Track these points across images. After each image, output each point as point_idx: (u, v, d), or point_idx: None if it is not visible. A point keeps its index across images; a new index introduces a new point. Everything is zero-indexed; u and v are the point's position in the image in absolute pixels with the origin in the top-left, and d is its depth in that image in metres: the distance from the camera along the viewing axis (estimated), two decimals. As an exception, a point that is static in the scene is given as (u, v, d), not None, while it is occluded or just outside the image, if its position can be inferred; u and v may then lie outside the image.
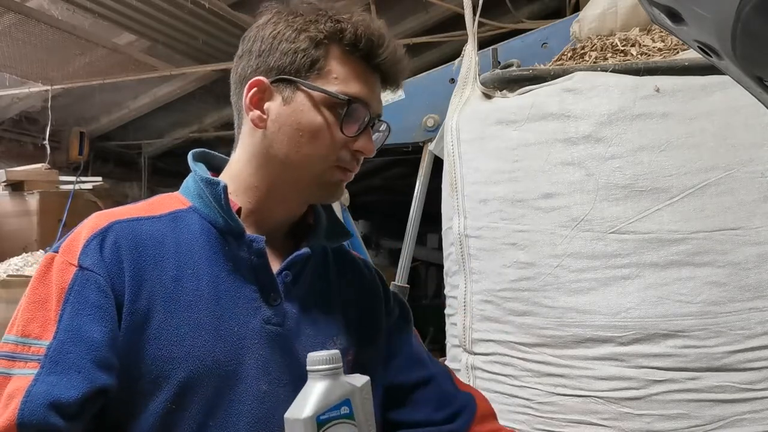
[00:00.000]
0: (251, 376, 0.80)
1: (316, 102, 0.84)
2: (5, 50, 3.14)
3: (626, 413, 1.16)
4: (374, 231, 7.77)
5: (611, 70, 1.29)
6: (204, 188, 0.85)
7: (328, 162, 0.85)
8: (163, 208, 0.86)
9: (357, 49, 0.84)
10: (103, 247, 0.77)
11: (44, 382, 0.69)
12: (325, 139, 0.84)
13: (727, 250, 1.15)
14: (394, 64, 0.88)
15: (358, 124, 0.85)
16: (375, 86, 0.88)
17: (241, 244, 0.84)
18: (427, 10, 3.71)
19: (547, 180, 1.26)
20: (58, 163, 4.22)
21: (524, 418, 1.27)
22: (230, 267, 0.83)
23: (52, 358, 0.70)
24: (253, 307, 0.83)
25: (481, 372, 1.35)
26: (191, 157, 0.91)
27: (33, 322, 0.73)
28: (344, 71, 0.85)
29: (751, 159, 1.17)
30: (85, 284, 0.74)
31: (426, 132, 2.12)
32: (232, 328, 0.80)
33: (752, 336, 1.13)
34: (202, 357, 0.77)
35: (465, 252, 1.37)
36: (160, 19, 3.08)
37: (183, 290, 0.79)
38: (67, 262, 0.76)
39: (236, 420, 0.78)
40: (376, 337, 0.96)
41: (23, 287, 0.77)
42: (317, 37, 0.84)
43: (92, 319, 0.73)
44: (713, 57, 0.43)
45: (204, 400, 0.77)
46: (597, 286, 1.20)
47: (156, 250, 0.80)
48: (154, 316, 0.77)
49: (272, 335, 0.83)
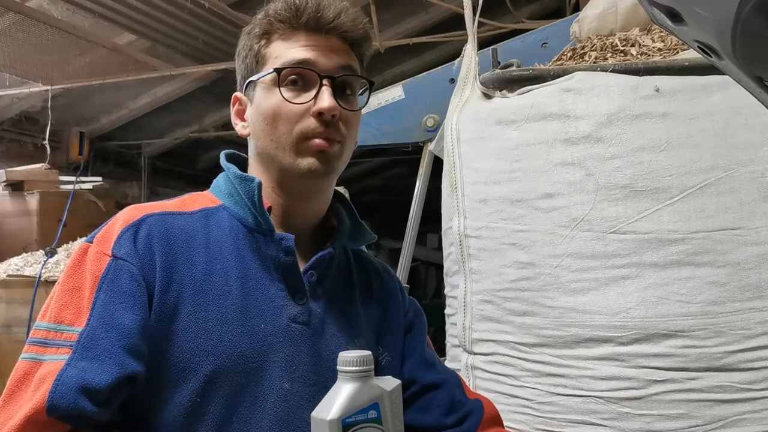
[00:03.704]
0: (275, 374, 0.81)
1: (266, 87, 0.87)
2: (5, 50, 3.14)
3: (626, 413, 1.16)
4: (374, 231, 7.75)
5: (611, 70, 1.29)
6: (238, 186, 0.87)
7: (294, 135, 0.85)
8: (194, 205, 0.87)
9: (289, 22, 0.87)
10: (137, 238, 0.79)
11: (76, 367, 0.69)
12: (282, 117, 0.85)
13: (727, 250, 1.15)
14: (324, 15, 0.86)
15: (309, 88, 0.85)
16: (322, 45, 0.87)
17: (270, 242, 0.85)
18: (427, 10, 3.72)
19: (547, 180, 1.26)
20: (58, 163, 4.22)
21: (524, 418, 1.27)
22: (258, 264, 0.84)
23: (84, 344, 0.71)
24: (280, 305, 0.84)
25: (481, 372, 1.35)
26: (224, 157, 0.94)
27: (66, 309, 0.74)
28: (284, 47, 0.87)
29: (751, 159, 1.17)
30: (118, 273, 0.76)
31: (426, 132, 2.12)
32: (258, 325, 0.81)
33: (752, 336, 1.13)
34: (228, 351, 0.78)
35: (465, 252, 1.37)
36: (160, 19, 3.08)
37: (212, 285, 0.80)
38: (102, 252, 0.77)
39: (259, 417, 0.79)
40: (395, 339, 0.97)
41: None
42: (254, 30, 0.89)
43: (125, 307, 0.74)
44: (713, 57, 0.43)
45: (228, 394, 0.78)
46: (597, 286, 1.20)
47: (187, 244, 0.82)
48: (182, 309, 0.78)
49: (298, 333, 0.84)
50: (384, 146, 2.27)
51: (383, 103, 2.15)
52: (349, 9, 0.88)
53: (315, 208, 0.92)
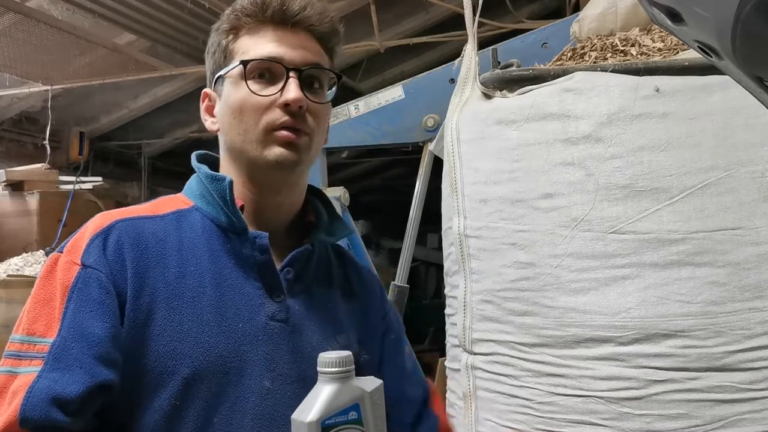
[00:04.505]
0: (255, 373, 0.80)
1: (233, 81, 0.87)
2: (5, 50, 3.14)
3: (626, 413, 1.16)
4: (374, 231, 7.77)
5: (611, 70, 1.29)
6: (209, 185, 0.87)
7: (261, 127, 0.84)
8: (166, 208, 0.87)
9: (255, 16, 0.87)
10: (106, 245, 0.78)
11: (47, 378, 0.69)
12: (249, 109, 0.85)
13: (727, 250, 1.15)
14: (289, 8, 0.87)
15: (276, 81, 0.85)
16: (288, 39, 0.87)
17: (245, 241, 0.85)
18: (427, 10, 3.72)
19: (547, 180, 1.26)
20: (58, 163, 4.22)
21: (524, 418, 1.27)
22: (233, 264, 0.84)
23: (55, 354, 0.71)
24: (257, 304, 0.83)
25: (481, 372, 1.35)
26: (195, 157, 0.93)
27: (38, 321, 0.74)
28: (251, 41, 0.87)
29: (751, 159, 1.17)
30: (87, 282, 0.75)
31: (426, 132, 2.12)
32: (236, 324, 0.81)
33: (752, 336, 1.13)
34: (205, 353, 0.78)
35: (465, 252, 1.37)
36: (160, 19, 3.08)
37: (186, 287, 0.80)
38: (71, 261, 0.77)
39: (240, 416, 0.79)
40: (373, 339, 0.97)
41: (23, 287, 0.78)
42: (222, 26, 0.89)
43: (94, 315, 0.74)
44: (713, 57, 0.43)
45: (208, 396, 0.77)
46: (597, 286, 1.20)
47: (159, 248, 0.81)
48: (157, 313, 0.77)
49: (277, 331, 0.83)
50: (384, 146, 2.27)
51: (383, 103, 2.15)
52: (315, 3, 0.88)
53: (287, 201, 0.92)
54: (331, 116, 2.22)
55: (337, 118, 2.17)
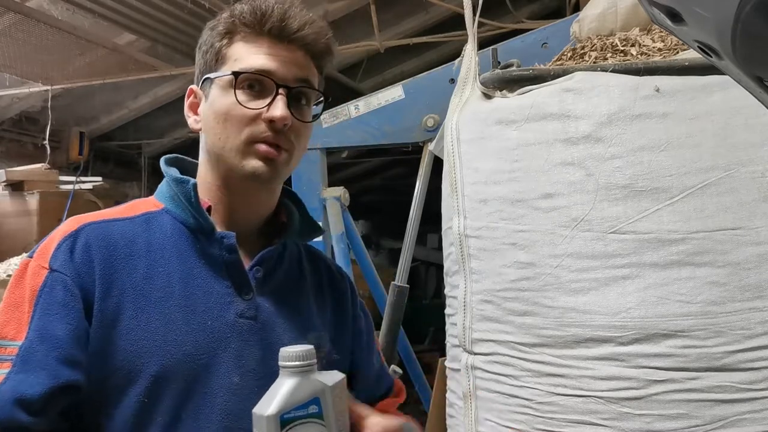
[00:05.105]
0: (224, 369, 0.82)
1: (222, 87, 0.87)
2: (5, 50, 3.13)
3: (626, 413, 1.16)
4: (374, 231, 7.77)
5: (611, 70, 1.29)
6: (175, 188, 0.88)
7: (242, 138, 0.85)
8: (136, 211, 0.88)
9: (253, 27, 0.87)
10: (74, 249, 0.80)
11: (13, 380, 0.72)
12: (233, 118, 0.85)
13: (727, 250, 1.15)
14: (288, 25, 0.87)
15: (264, 95, 0.86)
16: (282, 55, 0.87)
17: (213, 241, 0.86)
18: (427, 10, 3.71)
19: (547, 180, 1.26)
20: (58, 163, 4.22)
21: (524, 418, 1.27)
22: (202, 264, 0.86)
23: (22, 357, 0.74)
24: (227, 302, 0.85)
25: (481, 372, 1.35)
26: (164, 162, 0.94)
27: (8, 325, 0.76)
28: (245, 50, 0.87)
29: (751, 159, 1.17)
30: (53, 285, 0.77)
31: (426, 132, 2.12)
32: (204, 323, 0.82)
33: (752, 336, 1.13)
34: (173, 350, 0.79)
35: (465, 252, 1.37)
36: (160, 19, 3.08)
37: (153, 287, 0.82)
38: (40, 265, 0.79)
39: (209, 411, 0.80)
40: (344, 338, 0.99)
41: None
42: (217, 28, 0.89)
43: (59, 317, 0.76)
44: (713, 57, 0.43)
45: (176, 392, 0.79)
46: (597, 286, 1.20)
47: (127, 249, 0.83)
48: (124, 313, 0.79)
49: (246, 328, 0.85)
50: (384, 146, 2.27)
51: (383, 103, 2.15)
52: (314, 21, 0.89)
53: (259, 207, 0.93)
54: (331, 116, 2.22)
55: (337, 118, 2.17)
